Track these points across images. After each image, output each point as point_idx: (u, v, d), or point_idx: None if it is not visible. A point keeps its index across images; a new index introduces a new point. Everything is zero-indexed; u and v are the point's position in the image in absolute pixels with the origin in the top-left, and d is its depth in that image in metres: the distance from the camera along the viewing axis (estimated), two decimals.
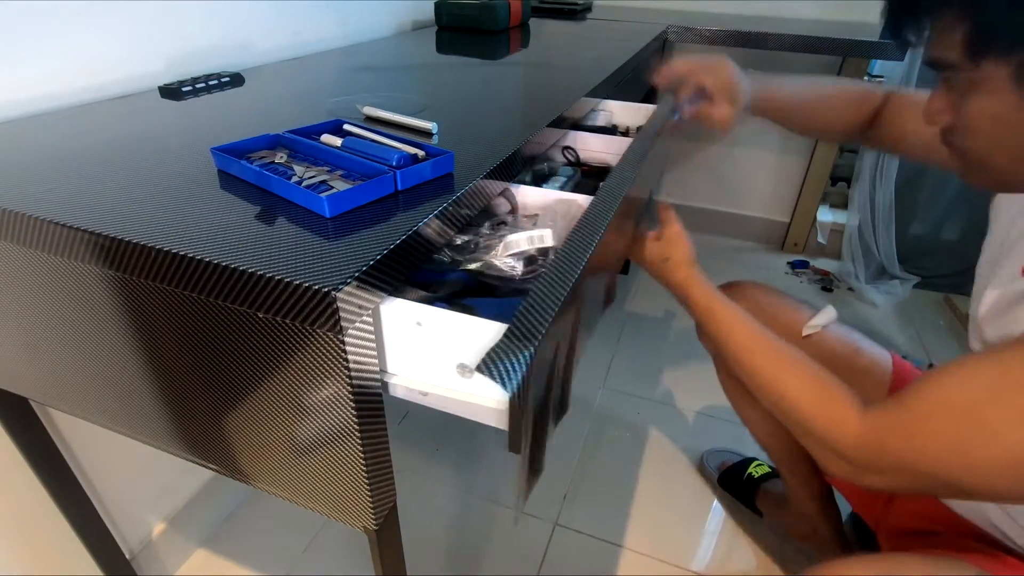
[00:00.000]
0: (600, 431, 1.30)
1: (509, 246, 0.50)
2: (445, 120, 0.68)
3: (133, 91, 0.79)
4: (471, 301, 0.47)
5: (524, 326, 0.36)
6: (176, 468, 0.98)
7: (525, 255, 0.50)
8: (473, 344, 0.40)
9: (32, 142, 0.60)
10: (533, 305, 0.38)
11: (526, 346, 0.34)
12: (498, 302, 0.48)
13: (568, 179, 0.75)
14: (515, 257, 0.49)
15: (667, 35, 1.49)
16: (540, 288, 0.40)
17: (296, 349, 0.40)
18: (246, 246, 0.40)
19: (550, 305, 0.39)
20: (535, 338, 0.35)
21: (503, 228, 0.56)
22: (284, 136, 0.57)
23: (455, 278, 0.50)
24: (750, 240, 2.10)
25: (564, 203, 0.61)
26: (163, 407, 0.52)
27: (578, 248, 0.46)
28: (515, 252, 0.50)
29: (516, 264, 0.49)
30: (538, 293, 0.40)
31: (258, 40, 1.00)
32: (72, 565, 0.84)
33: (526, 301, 0.38)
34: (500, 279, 0.49)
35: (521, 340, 0.35)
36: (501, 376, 0.33)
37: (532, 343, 0.35)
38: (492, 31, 1.35)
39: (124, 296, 0.45)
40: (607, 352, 1.52)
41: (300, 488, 0.50)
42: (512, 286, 0.50)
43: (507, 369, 0.34)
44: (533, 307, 0.38)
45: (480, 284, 0.51)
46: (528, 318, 0.37)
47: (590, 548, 1.05)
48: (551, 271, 0.42)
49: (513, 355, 0.34)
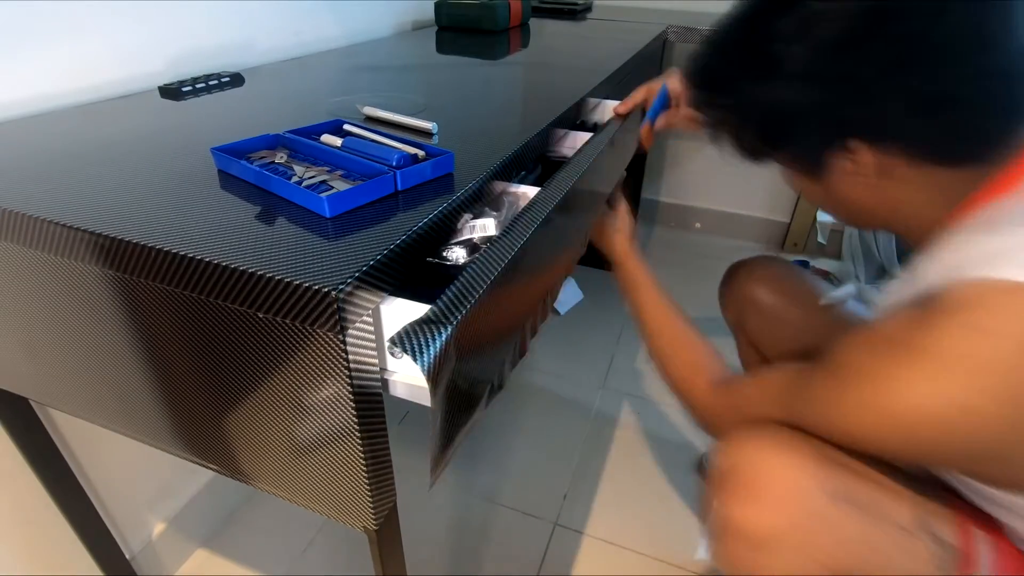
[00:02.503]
0: (600, 431, 1.30)
1: (454, 235, 0.52)
2: (445, 120, 0.68)
3: (133, 91, 0.79)
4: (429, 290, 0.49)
5: (446, 306, 0.38)
6: (176, 468, 0.98)
7: (469, 244, 0.51)
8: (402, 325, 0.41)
9: (32, 142, 0.60)
10: (459, 287, 0.40)
11: (444, 323, 0.37)
12: None
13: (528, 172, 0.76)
14: (459, 245, 0.51)
15: (667, 35, 1.49)
16: (469, 272, 0.42)
17: (296, 349, 0.40)
18: (246, 246, 0.40)
19: (474, 287, 0.41)
20: (454, 316, 0.38)
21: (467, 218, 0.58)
22: (284, 136, 0.57)
23: None
24: (750, 240, 2.10)
25: (512, 195, 0.62)
26: (163, 407, 0.52)
27: (515, 235, 0.48)
28: (458, 240, 0.51)
29: (460, 252, 0.50)
30: (466, 277, 0.42)
31: (258, 40, 1.00)
32: (72, 565, 0.84)
33: (453, 284, 0.40)
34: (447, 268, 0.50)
35: (440, 318, 0.37)
36: (413, 350, 0.35)
37: (450, 321, 0.37)
38: (492, 31, 1.35)
39: (124, 296, 0.45)
40: (607, 352, 1.52)
41: (300, 488, 0.50)
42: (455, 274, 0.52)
43: (420, 344, 0.35)
44: (459, 289, 0.40)
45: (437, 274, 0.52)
46: (452, 299, 0.39)
47: (590, 548, 1.05)
48: (483, 257, 0.44)
49: (427, 331, 0.36)
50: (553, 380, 1.45)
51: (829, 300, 0.84)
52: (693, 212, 2.13)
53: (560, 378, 1.46)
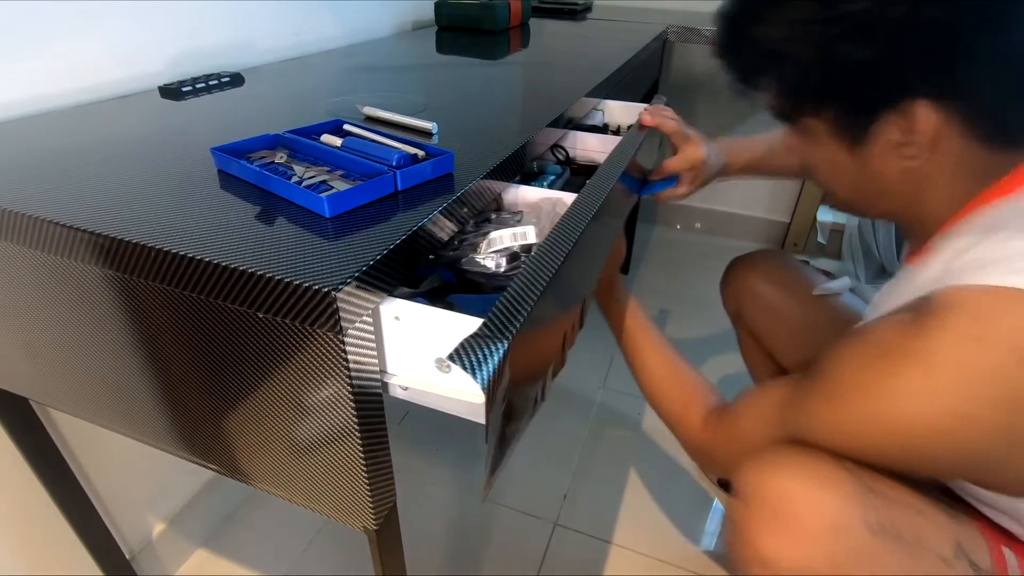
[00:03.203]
0: (600, 431, 1.30)
1: (492, 243, 0.51)
2: (445, 120, 0.68)
3: (133, 91, 0.79)
4: (456, 298, 0.48)
5: (500, 320, 0.37)
6: (176, 468, 0.98)
7: (508, 252, 0.50)
8: (451, 339, 0.40)
9: (32, 142, 0.60)
10: (510, 300, 0.39)
11: (500, 338, 0.35)
12: (482, 299, 0.48)
13: (557, 177, 0.75)
14: (498, 254, 0.50)
15: (667, 35, 1.49)
16: (518, 283, 0.41)
17: (296, 349, 0.40)
18: (246, 246, 0.40)
19: (526, 300, 0.39)
20: (509, 331, 0.36)
21: (487, 225, 0.57)
22: (284, 136, 0.57)
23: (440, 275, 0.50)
24: (750, 240, 2.10)
25: (549, 201, 0.61)
26: (163, 407, 0.52)
27: (558, 243, 0.46)
28: (498, 249, 0.51)
29: (500, 260, 0.49)
30: (516, 288, 0.40)
31: (258, 40, 1.00)
32: (72, 565, 0.84)
33: (503, 296, 0.39)
34: (484, 276, 0.49)
35: (495, 333, 0.36)
36: (472, 366, 0.34)
37: (507, 336, 0.36)
38: (492, 31, 1.35)
39: (124, 296, 0.45)
40: (607, 352, 1.52)
41: (300, 488, 0.50)
42: (495, 283, 0.50)
43: (479, 360, 0.34)
44: (510, 302, 0.39)
45: (465, 281, 0.51)
46: (504, 312, 0.38)
47: (590, 548, 1.05)
48: (530, 266, 0.43)
49: (486, 346, 0.35)
50: None
51: (822, 291, 0.85)
52: (693, 212, 2.13)
53: (560, 378, 1.45)
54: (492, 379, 0.34)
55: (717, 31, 0.55)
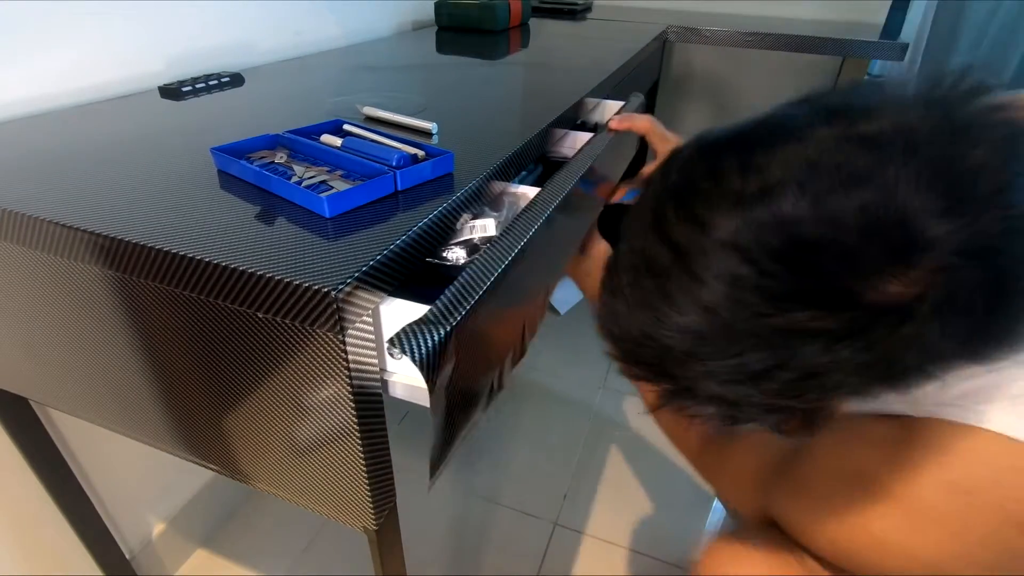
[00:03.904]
0: (600, 431, 1.30)
1: (453, 235, 0.52)
2: (445, 120, 0.68)
3: (133, 91, 0.79)
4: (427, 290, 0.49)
5: (445, 307, 0.38)
6: (176, 468, 0.98)
7: (469, 244, 0.51)
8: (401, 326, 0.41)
9: (32, 142, 0.60)
10: (458, 288, 0.40)
11: (442, 324, 0.37)
12: None
13: (528, 173, 0.76)
14: (459, 246, 0.51)
15: (667, 35, 1.49)
16: (469, 273, 0.42)
17: (296, 349, 0.40)
18: (246, 246, 0.40)
19: (474, 288, 0.41)
20: (453, 317, 0.38)
21: None
22: (284, 136, 0.57)
23: None
24: None
25: (512, 195, 0.62)
26: (163, 407, 0.52)
27: (514, 236, 0.48)
28: (458, 241, 0.51)
29: (459, 252, 0.50)
30: (466, 277, 0.42)
31: (258, 40, 1.00)
32: (72, 565, 0.84)
33: (453, 284, 0.40)
34: (447, 268, 0.50)
35: (438, 319, 0.37)
36: (412, 350, 0.35)
37: (449, 322, 0.37)
38: (492, 31, 1.35)
39: (124, 296, 0.45)
40: None
41: (300, 488, 0.50)
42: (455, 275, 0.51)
43: (418, 344, 0.35)
44: (458, 290, 0.40)
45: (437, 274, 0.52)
46: (451, 300, 0.39)
47: (590, 548, 1.05)
48: (483, 257, 0.44)
49: (427, 331, 0.36)
50: (553, 380, 1.45)
51: None
52: None
53: (560, 378, 1.46)
54: (431, 362, 0.36)
55: None
